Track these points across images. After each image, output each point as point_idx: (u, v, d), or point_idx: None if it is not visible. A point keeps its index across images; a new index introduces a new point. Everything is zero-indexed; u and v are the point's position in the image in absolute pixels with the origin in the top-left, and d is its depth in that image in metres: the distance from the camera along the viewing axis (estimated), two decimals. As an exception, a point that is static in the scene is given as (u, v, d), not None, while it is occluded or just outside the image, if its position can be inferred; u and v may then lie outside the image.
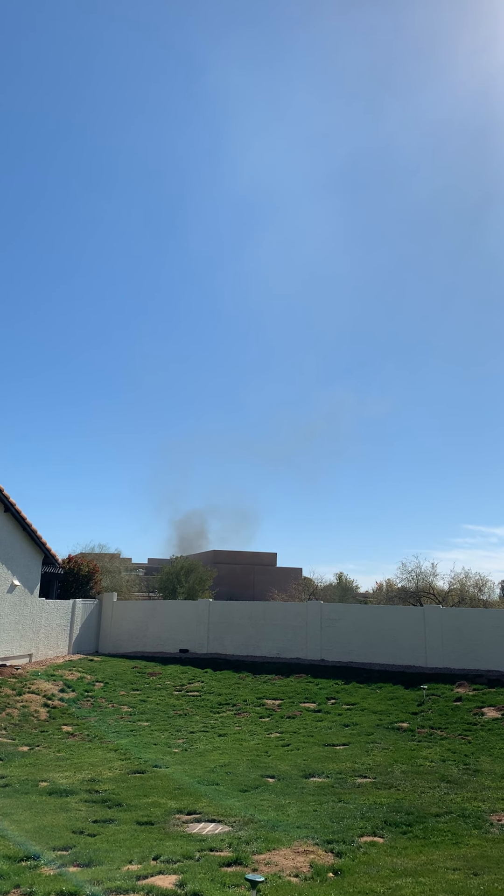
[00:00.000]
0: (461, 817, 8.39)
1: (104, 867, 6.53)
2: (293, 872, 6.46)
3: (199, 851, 7.06)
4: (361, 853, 7.02)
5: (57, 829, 7.88)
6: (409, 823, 8.13)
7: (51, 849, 7.12)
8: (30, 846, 7.14)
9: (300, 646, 22.23)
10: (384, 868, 6.52)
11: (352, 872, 6.43)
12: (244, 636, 23.18)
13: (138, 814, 8.57)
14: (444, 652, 20.18)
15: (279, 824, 8.08)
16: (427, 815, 8.46)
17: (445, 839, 7.56)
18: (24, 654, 20.61)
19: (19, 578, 20.72)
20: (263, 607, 24.19)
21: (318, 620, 22.21)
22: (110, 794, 9.51)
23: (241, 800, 9.30)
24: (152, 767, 11.22)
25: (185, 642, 23.88)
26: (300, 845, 7.28)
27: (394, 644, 20.97)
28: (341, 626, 21.92)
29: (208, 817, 8.53)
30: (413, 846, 7.33)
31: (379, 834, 7.76)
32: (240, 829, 7.99)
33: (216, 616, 23.88)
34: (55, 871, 6.43)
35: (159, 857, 6.82)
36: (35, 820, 8.25)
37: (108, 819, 8.37)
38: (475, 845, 7.31)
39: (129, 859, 6.77)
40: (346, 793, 9.65)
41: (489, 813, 8.61)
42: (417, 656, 20.50)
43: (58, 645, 22.48)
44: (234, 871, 6.41)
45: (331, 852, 7.09)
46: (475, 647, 19.78)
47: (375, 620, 21.72)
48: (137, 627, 24.60)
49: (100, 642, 24.76)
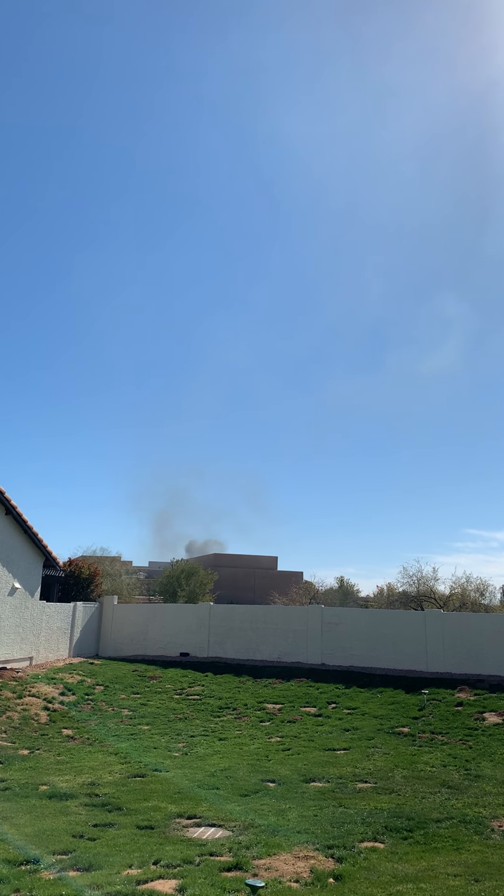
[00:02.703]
0: (462, 823, 8.36)
1: (104, 871, 6.52)
2: (293, 878, 6.44)
3: (199, 856, 7.05)
4: (362, 859, 7.00)
5: (57, 832, 7.87)
6: (410, 829, 8.11)
7: (50, 853, 7.11)
8: (29, 850, 7.13)
9: (301, 650, 22.19)
10: (385, 874, 6.50)
11: (352, 878, 6.41)
12: (245, 640, 23.15)
13: (138, 818, 8.55)
14: (446, 656, 20.13)
15: (279, 829, 8.06)
16: (428, 821, 8.43)
17: (446, 845, 7.54)
18: (24, 657, 20.60)
19: (20, 581, 20.71)
20: (264, 611, 24.17)
21: (319, 624, 22.16)
22: (110, 797, 9.49)
23: (242, 804, 9.27)
24: (152, 771, 11.20)
25: (185, 646, 23.85)
26: (301, 850, 7.26)
27: (395, 648, 20.92)
28: (342, 630, 21.88)
29: (209, 822, 8.50)
30: (414, 852, 7.30)
31: (380, 839, 7.73)
32: (240, 833, 7.97)
33: (217, 620, 23.85)
34: (55, 876, 6.42)
35: (159, 862, 6.81)
36: (35, 824, 8.24)
37: (108, 823, 8.36)
38: (476, 851, 7.28)
39: (129, 864, 6.76)
40: (347, 798, 9.62)
41: (490, 819, 8.58)
42: (418, 661, 20.45)
43: (58, 648, 22.46)
44: (235, 876, 6.39)
45: (331, 857, 7.07)
46: (476, 652, 19.73)
47: (376, 625, 21.68)
48: (138, 631, 24.57)
49: (100, 645, 24.73)
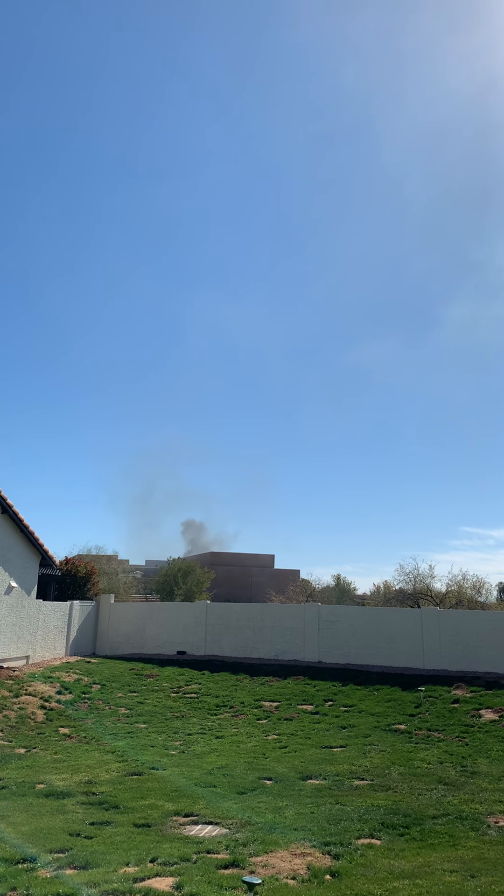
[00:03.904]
0: (458, 819, 8.38)
1: (101, 869, 6.52)
2: (290, 875, 6.45)
3: (196, 854, 7.05)
4: (359, 855, 7.01)
5: (54, 831, 7.86)
6: (407, 825, 8.12)
7: (47, 851, 7.10)
8: (26, 848, 7.13)
9: (298, 648, 22.21)
10: (381, 870, 6.51)
11: (349, 875, 6.43)
12: (242, 638, 23.16)
13: (135, 816, 8.56)
14: (442, 654, 20.18)
15: (276, 826, 8.07)
16: (424, 818, 8.45)
17: (443, 841, 7.55)
18: (21, 656, 20.58)
19: (16, 580, 20.68)
20: (261, 609, 24.17)
21: (316, 622, 22.19)
22: (107, 796, 9.49)
23: (239, 802, 9.29)
24: (149, 769, 11.20)
25: (182, 644, 23.85)
26: (297, 847, 7.27)
27: (391, 646, 20.95)
28: (339, 627, 21.90)
29: (205, 819, 8.51)
30: (410, 848, 7.32)
31: (376, 836, 7.75)
32: (237, 831, 7.98)
33: (214, 618, 23.85)
34: (52, 874, 6.42)
35: (156, 860, 6.81)
36: (32, 822, 8.23)
37: (105, 821, 8.36)
38: (472, 847, 7.30)
39: (126, 861, 6.76)
40: (344, 795, 9.64)
41: (486, 815, 8.61)
42: (415, 658, 20.49)
43: (55, 647, 22.44)
44: (232, 874, 6.40)
45: (328, 854, 7.08)
46: (473, 649, 19.77)
47: (373, 622, 21.71)
48: (135, 629, 24.57)
49: (97, 644, 24.72)
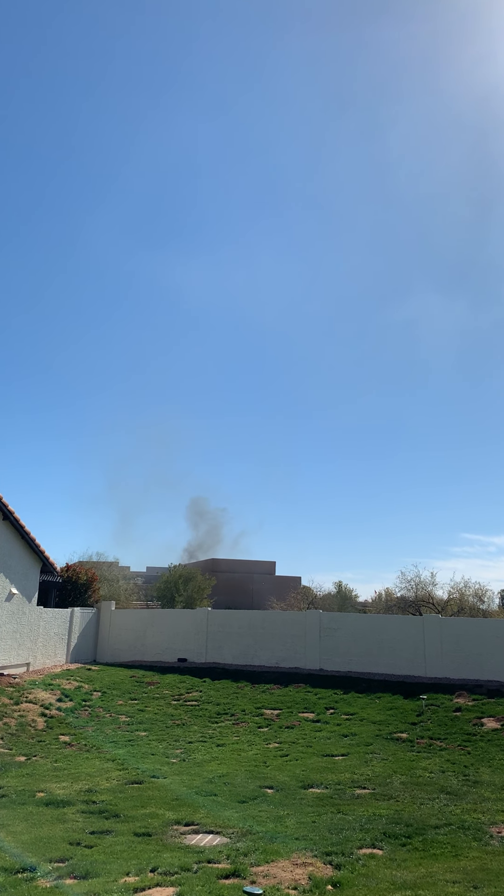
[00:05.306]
0: (461, 829, 8.33)
1: (101, 879, 6.49)
2: (292, 885, 6.42)
3: (196, 863, 7.01)
4: (360, 865, 6.97)
5: (54, 840, 7.83)
6: (409, 835, 8.08)
7: (47, 860, 7.07)
8: (26, 858, 7.09)
9: (299, 655, 22.14)
10: (383, 881, 6.47)
11: (351, 885, 6.39)
12: (242, 645, 23.09)
13: (136, 825, 8.51)
14: (444, 662, 20.11)
15: (277, 836, 8.03)
16: (426, 827, 8.40)
17: (445, 851, 7.51)
18: (21, 663, 20.52)
19: (17, 587, 20.65)
20: (262, 616, 24.12)
21: (317, 629, 22.12)
22: (108, 804, 9.44)
23: (240, 811, 9.24)
24: (150, 778, 11.15)
25: (183, 651, 23.78)
26: (299, 857, 7.23)
27: (393, 654, 20.88)
28: (340, 635, 21.84)
29: (206, 829, 8.47)
30: (412, 858, 7.27)
31: (378, 846, 7.71)
32: (238, 840, 7.94)
33: (214, 625, 23.78)
34: (51, 884, 6.38)
35: (157, 869, 6.77)
36: (31, 831, 8.19)
37: (105, 830, 8.32)
38: (475, 858, 7.26)
39: (127, 871, 6.73)
40: (345, 804, 9.59)
41: (489, 825, 8.56)
42: (416, 666, 20.41)
43: (55, 654, 22.38)
44: (233, 884, 6.36)
45: (329, 864, 7.04)
46: (474, 657, 19.71)
47: (374, 630, 21.64)
48: (135, 636, 24.50)
49: (98, 651, 24.65)
